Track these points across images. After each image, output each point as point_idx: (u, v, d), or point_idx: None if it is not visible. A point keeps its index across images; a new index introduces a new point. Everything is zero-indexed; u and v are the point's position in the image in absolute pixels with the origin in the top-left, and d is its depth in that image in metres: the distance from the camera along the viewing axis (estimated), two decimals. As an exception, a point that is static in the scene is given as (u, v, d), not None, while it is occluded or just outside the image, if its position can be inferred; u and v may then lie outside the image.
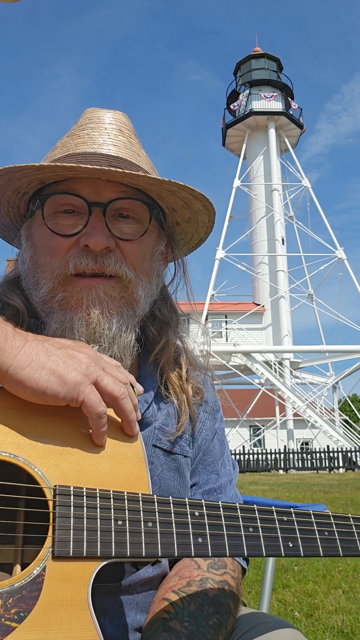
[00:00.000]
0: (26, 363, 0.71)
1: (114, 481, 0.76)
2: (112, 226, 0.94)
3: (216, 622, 0.84)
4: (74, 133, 1.01)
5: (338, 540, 0.83)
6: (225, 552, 0.75)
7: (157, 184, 0.94)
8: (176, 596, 0.86)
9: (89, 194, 0.93)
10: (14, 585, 0.65)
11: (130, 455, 0.80)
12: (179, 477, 1.02)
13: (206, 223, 1.05)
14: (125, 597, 0.93)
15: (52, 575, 0.67)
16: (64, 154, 0.98)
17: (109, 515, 0.72)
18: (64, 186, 0.94)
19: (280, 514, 0.81)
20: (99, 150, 0.96)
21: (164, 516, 0.74)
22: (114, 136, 0.99)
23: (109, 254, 0.93)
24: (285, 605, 3.65)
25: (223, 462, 1.11)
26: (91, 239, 0.91)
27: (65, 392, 0.73)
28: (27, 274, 0.98)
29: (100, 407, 0.75)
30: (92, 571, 0.69)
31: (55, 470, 0.73)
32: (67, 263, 0.92)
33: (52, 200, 0.94)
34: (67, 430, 0.77)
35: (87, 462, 0.76)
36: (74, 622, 0.66)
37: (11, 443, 0.72)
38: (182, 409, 1.03)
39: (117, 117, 1.03)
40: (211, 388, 1.15)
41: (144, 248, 0.98)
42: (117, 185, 0.94)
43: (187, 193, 0.96)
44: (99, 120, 1.01)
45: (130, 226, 0.96)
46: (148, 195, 0.98)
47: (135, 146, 1.02)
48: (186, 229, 1.08)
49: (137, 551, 0.71)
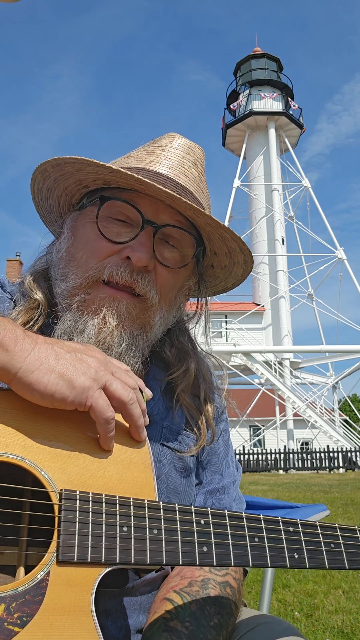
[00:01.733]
0: (35, 366, 0.71)
1: (120, 486, 0.76)
2: (157, 248, 0.95)
3: (217, 623, 0.84)
4: (152, 150, 1.02)
5: (344, 552, 0.82)
6: (230, 562, 0.75)
7: (213, 225, 0.96)
8: (177, 596, 0.86)
9: (148, 211, 0.94)
10: (17, 589, 0.65)
11: (137, 460, 0.80)
12: (185, 476, 1.02)
13: (238, 276, 1.08)
14: (128, 599, 0.93)
15: (56, 580, 0.67)
16: (136, 165, 0.99)
17: (114, 521, 0.72)
18: (127, 195, 0.95)
19: (286, 525, 0.81)
20: (170, 174, 0.98)
21: (170, 524, 0.74)
22: (187, 167, 1.01)
23: (144, 274, 0.94)
24: (285, 605, 3.65)
25: (227, 463, 1.11)
26: (135, 253, 0.92)
27: (73, 396, 0.73)
28: (59, 263, 0.98)
29: (109, 412, 0.75)
30: (96, 577, 0.69)
31: (62, 474, 0.72)
32: (103, 268, 0.93)
33: (111, 204, 0.95)
34: (75, 434, 0.77)
35: (93, 466, 0.75)
36: (77, 628, 0.66)
37: (18, 445, 0.72)
38: (201, 431, 1.04)
39: (196, 152, 1.05)
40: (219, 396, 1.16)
41: (177, 279, 1.00)
42: (175, 213, 0.96)
43: (235, 244, 0.99)
44: (179, 147, 1.03)
45: (173, 255, 0.98)
46: (199, 232, 1.00)
47: (202, 183, 1.04)
48: (218, 274, 1.10)
49: (142, 558, 0.71)
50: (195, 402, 1.06)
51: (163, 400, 1.03)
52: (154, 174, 0.96)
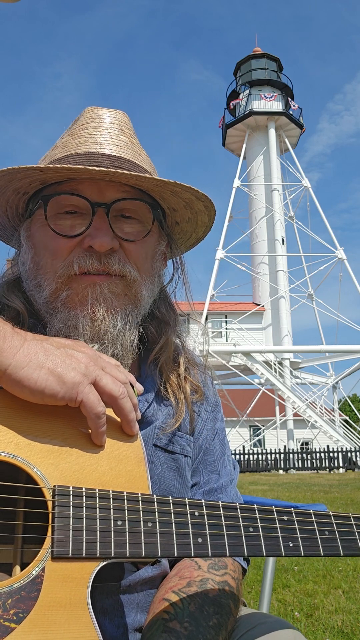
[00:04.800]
0: (25, 362, 0.71)
1: (114, 481, 0.76)
2: (115, 227, 0.94)
3: (216, 623, 0.84)
4: (75, 132, 1.00)
5: (339, 539, 0.83)
6: (225, 552, 0.75)
7: (161, 185, 0.93)
8: (176, 597, 0.86)
9: (92, 194, 0.93)
10: (12, 586, 0.65)
11: (130, 454, 0.79)
12: (179, 476, 1.02)
13: (206, 223, 1.05)
14: (126, 597, 0.92)
15: (51, 575, 0.67)
16: (65, 153, 0.97)
17: (109, 516, 0.71)
18: (67, 187, 0.93)
19: (280, 514, 0.81)
20: (101, 150, 0.96)
21: (164, 516, 0.74)
22: (115, 136, 0.99)
23: (112, 255, 0.93)
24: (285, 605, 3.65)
25: (224, 462, 1.11)
26: (96, 240, 0.90)
27: (64, 391, 0.72)
28: (29, 275, 0.97)
29: (99, 407, 0.75)
30: (92, 571, 0.69)
31: (54, 470, 0.72)
32: (72, 263, 0.91)
33: (55, 201, 0.93)
34: (66, 430, 0.76)
35: (86, 462, 0.75)
36: (73, 622, 0.65)
37: (10, 443, 0.71)
38: (179, 406, 1.03)
39: (118, 117, 1.02)
40: (212, 387, 1.15)
41: (147, 248, 0.98)
42: (120, 186, 0.94)
43: (190, 194, 0.96)
44: (100, 120, 1.00)
45: (133, 227, 0.96)
46: (150, 196, 0.98)
47: (136, 146, 1.02)
48: (185, 228, 1.08)
49: (137, 551, 0.71)
50: (175, 376, 1.06)
51: (156, 401, 1.02)
52: (84, 155, 0.94)
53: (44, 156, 1.04)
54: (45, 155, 1.04)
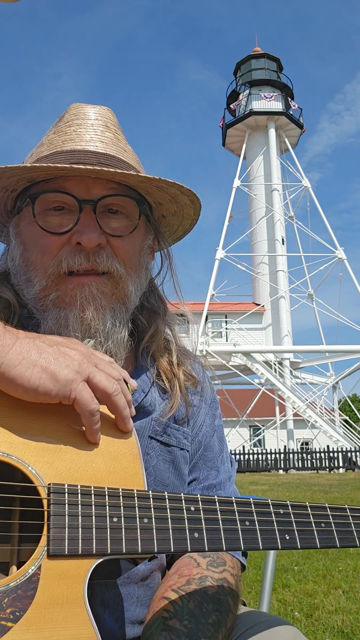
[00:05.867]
0: (17, 361, 0.71)
1: (109, 478, 0.76)
2: (103, 223, 0.95)
3: (216, 620, 0.84)
4: (60, 129, 1.01)
5: (335, 531, 0.83)
6: (221, 546, 0.75)
7: (146, 181, 0.95)
8: (175, 595, 0.86)
9: (79, 191, 0.94)
10: (9, 584, 0.65)
11: (125, 451, 0.79)
12: (174, 469, 1.02)
13: (192, 216, 1.07)
14: (126, 591, 0.93)
15: (48, 574, 0.66)
16: (51, 151, 0.98)
17: (104, 513, 0.71)
18: (54, 184, 0.94)
19: (276, 507, 0.81)
20: (86, 147, 0.97)
21: (160, 512, 0.74)
22: (100, 132, 1.00)
23: (100, 251, 0.94)
24: (285, 605, 3.64)
25: (222, 459, 1.11)
26: (84, 237, 0.91)
27: (57, 389, 0.72)
28: (18, 270, 0.98)
29: (93, 405, 0.75)
30: (88, 569, 0.68)
31: (49, 468, 0.72)
32: (60, 262, 0.92)
33: (43, 199, 0.94)
34: (61, 427, 0.76)
35: (81, 459, 0.75)
36: (70, 620, 0.65)
37: (4, 442, 0.71)
38: (174, 392, 1.03)
39: (103, 113, 1.03)
40: (207, 381, 1.16)
41: (134, 243, 1.00)
42: (106, 182, 0.95)
43: (175, 189, 0.98)
44: (84, 116, 1.01)
45: (120, 222, 0.97)
46: (136, 191, 0.99)
47: (121, 142, 1.03)
48: (172, 221, 1.09)
49: (133, 547, 0.71)
50: (167, 363, 1.06)
51: (152, 391, 1.02)
52: (70, 153, 0.95)
53: (30, 153, 1.05)
54: (31, 153, 1.05)
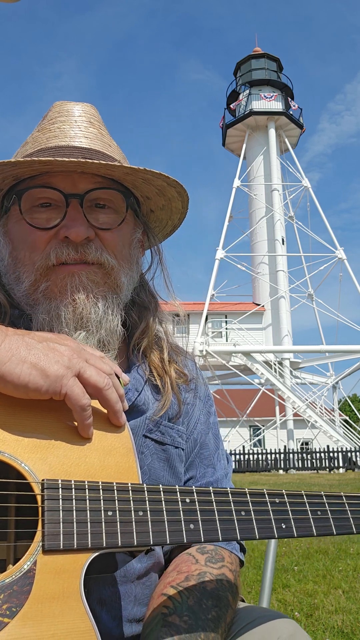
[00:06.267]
0: (6, 358, 0.70)
1: (103, 472, 0.75)
2: (90, 216, 0.95)
3: (215, 616, 0.84)
4: (45, 127, 1.02)
5: (331, 519, 0.83)
6: (217, 537, 0.75)
7: (132, 173, 0.95)
8: (175, 591, 0.86)
9: (65, 186, 0.94)
10: (4, 581, 0.65)
11: (118, 445, 0.79)
12: (168, 467, 1.02)
13: (180, 209, 1.07)
14: (124, 589, 0.93)
15: (43, 569, 0.66)
16: (36, 148, 0.99)
17: (99, 507, 0.71)
18: (40, 180, 0.94)
19: (272, 496, 0.81)
20: (71, 143, 0.97)
21: (155, 504, 0.74)
22: (84, 128, 1.01)
23: (89, 244, 0.94)
24: (285, 605, 3.64)
25: (218, 456, 1.11)
26: (71, 230, 0.91)
27: (47, 385, 0.72)
28: (8, 270, 0.98)
29: (84, 400, 0.74)
30: (84, 563, 0.68)
31: (43, 464, 0.72)
32: (48, 255, 0.92)
33: (29, 195, 0.94)
34: (53, 423, 0.76)
35: (74, 454, 0.75)
36: (67, 613, 0.65)
37: None
38: (165, 389, 1.03)
39: (86, 109, 1.04)
40: (201, 377, 1.15)
41: (123, 236, 1.00)
42: (92, 177, 0.95)
43: (161, 181, 0.98)
44: (68, 113, 1.02)
45: (108, 215, 0.98)
46: (123, 185, 1.00)
47: (106, 137, 1.04)
48: (160, 216, 1.09)
49: (129, 540, 0.70)
50: (159, 359, 1.06)
51: (146, 390, 1.02)
52: (55, 149, 0.96)
53: (16, 153, 1.05)
54: (16, 152, 1.05)
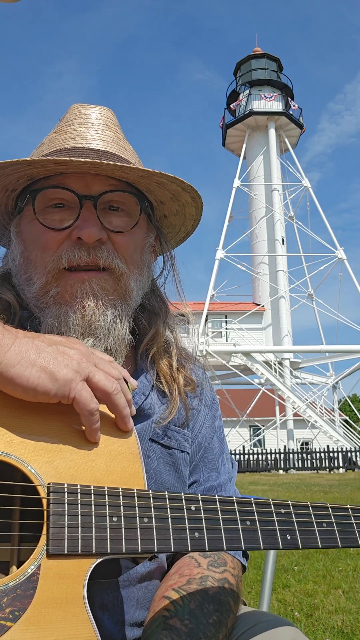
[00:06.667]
0: (16, 360, 0.70)
1: (109, 477, 0.75)
2: (103, 219, 0.94)
3: (216, 620, 0.84)
4: (61, 129, 1.02)
5: (337, 531, 0.82)
6: (222, 546, 0.74)
7: (146, 176, 0.94)
8: (176, 594, 0.86)
9: (79, 187, 0.93)
10: (8, 584, 0.64)
11: (125, 451, 0.79)
12: (174, 471, 1.02)
13: (194, 215, 1.06)
14: (125, 593, 0.92)
15: (47, 573, 0.66)
16: (52, 149, 0.98)
17: (104, 512, 0.71)
18: (54, 181, 0.94)
19: (277, 507, 0.80)
20: (87, 145, 0.97)
21: (160, 511, 0.74)
22: (101, 131, 1.00)
23: (101, 246, 0.93)
24: (285, 605, 3.64)
25: (223, 460, 1.11)
26: (84, 231, 0.91)
27: (56, 389, 0.72)
28: (19, 270, 0.98)
29: (92, 404, 0.74)
30: (88, 569, 0.68)
31: (49, 467, 0.72)
32: (60, 257, 0.92)
33: (43, 195, 0.94)
34: (60, 427, 0.76)
35: (80, 459, 0.75)
36: (70, 619, 0.65)
37: (3, 441, 0.71)
38: (173, 397, 1.03)
39: (103, 112, 1.04)
40: (207, 383, 1.15)
41: (135, 240, 0.99)
42: (106, 179, 0.95)
43: (176, 185, 0.97)
44: (85, 116, 1.02)
45: (121, 219, 0.97)
46: (137, 188, 0.99)
47: (122, 141, 1.03)
48: (174, 222, 1.09)
49: (133, 547, 0.70)
50: (167, 366, 1.06)
51: (153, 395, 1.02)
52: (71, 150, 0.95)
53: (32, 154, 1.05)
54: (32, 153, 1.05)
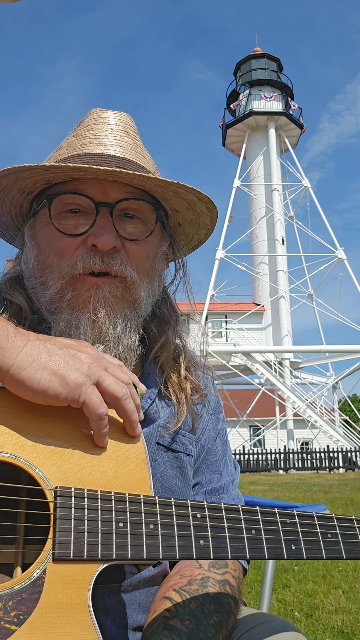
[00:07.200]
0: (27, 363, 0.71)
1: (116, 482, 0.76)
2: (118, 226, 0.94)
3: (217, 621, 0.84)
4: (80, 133, 1.01)
5: (341, 542, 0.82)
6: (227, 554, 0.75)
7: (164, 185, 0.94)
8: (177, 595, 0.86)
9: (96, 194, 0.93)
10: (13, 587, 0.65)
11: (132, 456, 0.79)
12: (181, 475, 1.02)
13: (208, 225, 1.06)
14: (128, 597, 0.93)
15: (52, 577, 0.66)
16: (70, 154, 0.98)
17: (110, 517, 0.71)
18: (71, 186, 0.94)
19: (283, 516, 0.81)
20: (105, 151, 0.97)
21: (166, 518, 0.74)
22: (120, 137, 1.00)
23: (115, 254, 0.94)
24: (285, 605, 3.64)
25: (225, 463, 1.11)
26: (99, 239, 0.91)
27: (66, 392, 0.72)
28: (33, 274, 0.98)
29: (101, 409, 0.75)
30: (93, 574, 0.68)
31: (57, 471, 0.72)
32: (75, 263, 0.92)
33: (60, 200, 0.94)
34: (69, 430, 0.76)
35: (88, 463, 0.75)
36: (74, 625, 0.65)
37: (12, 443, 0.71)
38: (180, 406, 1.03)
39: (123, 119, 1.03)
40: (213, 388, 1.15)
41: (149, 249, 0.99)
42: (123, 186, 0.95)
43: (192, 195, 0.97)
44: (104, 121, 1.02)
45: (136, 227, 0.97)
46: (153, 197, 0.99)
47: (140, 148, 1.03)
48: (187, 230, 1.09)
49: (138, 553, 0.71)
50: (176, 375, 1.06)
51: (159, 400, 1.02)
52: (89, 156, 0.95)
53: (49, 156, 1.04)
54: (50, 156, 1.04)
